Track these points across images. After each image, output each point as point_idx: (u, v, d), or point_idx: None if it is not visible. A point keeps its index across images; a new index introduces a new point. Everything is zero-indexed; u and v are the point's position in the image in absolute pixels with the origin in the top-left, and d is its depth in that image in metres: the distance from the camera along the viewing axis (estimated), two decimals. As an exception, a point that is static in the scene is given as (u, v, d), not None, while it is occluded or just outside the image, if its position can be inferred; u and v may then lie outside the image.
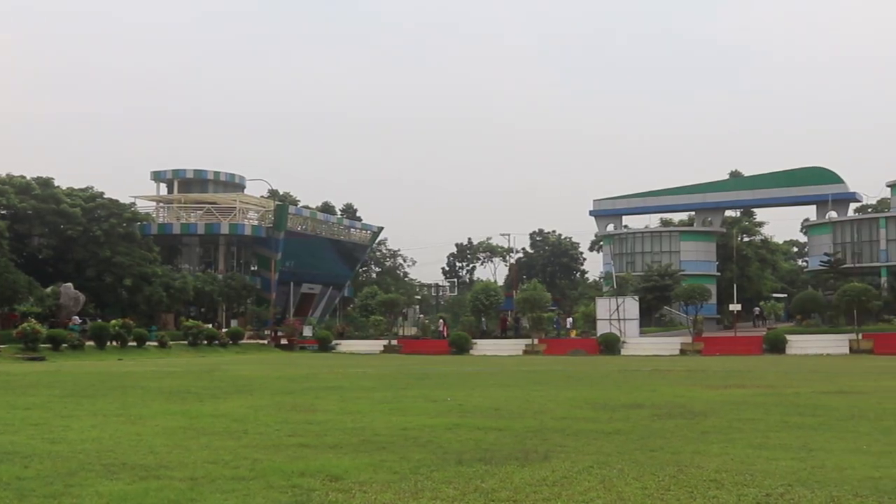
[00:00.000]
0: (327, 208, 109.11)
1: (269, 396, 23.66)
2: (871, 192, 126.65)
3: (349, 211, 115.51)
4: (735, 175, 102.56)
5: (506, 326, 71.56)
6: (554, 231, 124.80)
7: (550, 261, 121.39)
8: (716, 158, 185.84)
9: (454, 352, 62.31)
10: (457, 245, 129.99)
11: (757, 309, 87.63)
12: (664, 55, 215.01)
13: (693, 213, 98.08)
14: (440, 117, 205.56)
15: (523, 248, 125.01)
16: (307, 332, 73.44)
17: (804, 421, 17.72)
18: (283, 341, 69.28)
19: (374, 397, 23.58)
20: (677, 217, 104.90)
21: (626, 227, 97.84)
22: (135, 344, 56.49)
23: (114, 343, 55.75)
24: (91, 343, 54.54)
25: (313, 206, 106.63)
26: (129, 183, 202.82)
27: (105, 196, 74.27)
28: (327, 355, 61.16)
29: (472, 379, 32.11)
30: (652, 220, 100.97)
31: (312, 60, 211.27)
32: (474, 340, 64.75)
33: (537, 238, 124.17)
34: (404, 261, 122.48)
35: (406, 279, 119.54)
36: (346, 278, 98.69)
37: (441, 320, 76.78)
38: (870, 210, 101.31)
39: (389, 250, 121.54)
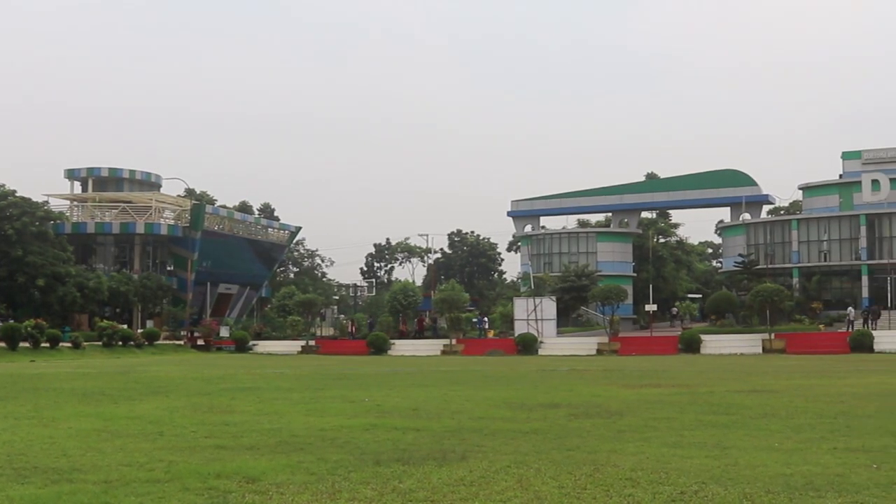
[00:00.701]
0: (245, 208, 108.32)
1: (185, 398, 23.43)
2: (783, 194, 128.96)
3: (267, 210, 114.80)
4: (651, 177, 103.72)
5: (422, 327, 71.39)
6: (472, 232, 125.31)
7: (469, 261, 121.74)
8: (632, 161, 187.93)
9: (372, 352, 62.16)
10: (375, 245, 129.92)
11: (675, 309, 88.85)
12: (582, 60, 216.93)
13: (610, 214, 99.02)
14: (359, 117, 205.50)
15: (441, 249, 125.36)
16: (224, 332, 72.76)
17: (718, 419, 17.96)
18: (200, 342, 68.56)
19: (291, 398, 23.46)
20: (594, 218, 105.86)
21: (543, 227, 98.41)
22: (48, 345, 55.55)
23: (26, 344, 54.74)
24: (2, 344, 53.53)
25: (231, 205, 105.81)
26: (41, 181, 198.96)
27: (17, 194, 72.89)
28: (244, 356, 60.69)
29: (391, 379, 32.07)
30: (569, 221, 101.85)
31: (232, 58, 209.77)
32: (392, 341, 64.67)
33: (455, 238, 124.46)
34: (322, 261, 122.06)
35: (324, 279, 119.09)
36: (263, 278, 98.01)
37: (350, 321, 76.00)
38: (782, 212, 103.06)
39: (307, 250, 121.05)
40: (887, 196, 79.00)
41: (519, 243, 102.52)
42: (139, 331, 68.14)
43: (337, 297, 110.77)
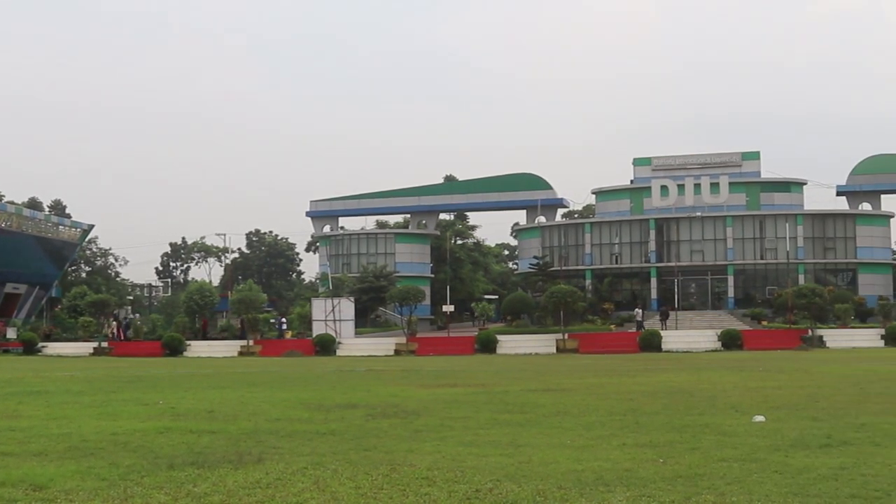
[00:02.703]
0: (34, 204, 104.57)
1: (-33, 402, 22.47)
2: (578, 198, 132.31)
3: (58, 207, 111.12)
4: (449, 179, 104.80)
5: (206, 328, 69.68)
6: (271, 231, 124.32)
7: (267, 261, 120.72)
8: (432, 163, 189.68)
9: (167, 354, 60.84)
10: (171, 244, 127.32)
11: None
12: (385, 63, 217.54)
13: (408, 215, 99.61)
14: (158, 111, 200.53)
15: (239, 249, 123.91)
16: (11, 333, 69.92)
17: (513, 418, 18.28)
18: (-16, 344, 65.81)
19: (82, 402, 22.77)
20: (393, 219, 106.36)
21: (342, 228, 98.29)
22: None
23: None
24: None
25: (19, 201, 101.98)
26: None
27: None
28: (33, 358, 58.54)
29: (186, 381, 31.49)
30: (368, 222, 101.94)
31: (22, 42, 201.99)
32: (188, 342, 63.44)
33: (254, 238, 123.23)
34: (116, 260, 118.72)
35: (118, 279, 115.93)
36: (53, 278, 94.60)
37: (115, 322, 72.29)
38: (576, 216, 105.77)
39: (100, 249, 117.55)
40: (675, 201, 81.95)
41: (317, 244, 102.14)
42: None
43: (131, 298, 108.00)
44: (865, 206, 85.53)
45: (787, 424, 16.60)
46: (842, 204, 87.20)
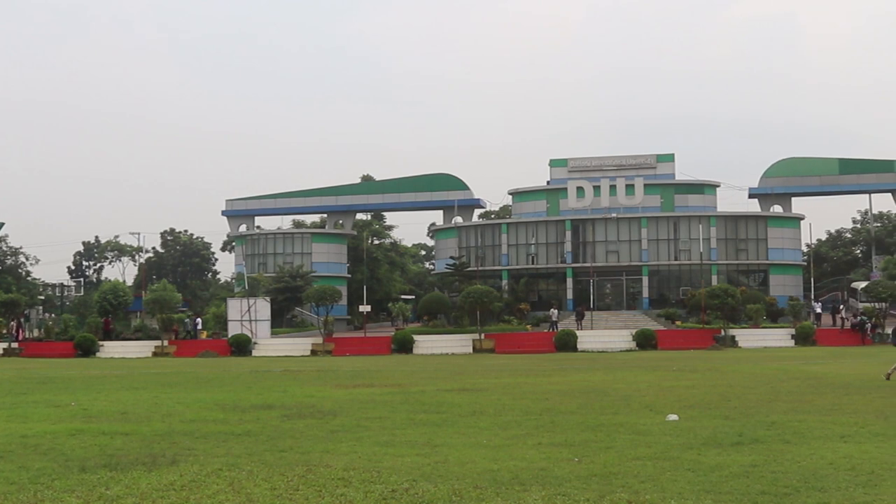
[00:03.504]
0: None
1: None
2: (494, 199, 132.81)
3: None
4: (367, 179, 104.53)
5: (108, 328, 68.19)
6: (186, 230, 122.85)
7: (182, 261, 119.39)
8: (349, 163, 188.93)
9: (79, 354, 59.97)
10: (84, 243, 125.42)
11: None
12: (304, 62, 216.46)
13: (325, 215, 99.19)
14: (68, 105, 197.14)
15: (154, 248, 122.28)
16: (-85, 335, 68.41)
17: (429, 418, 18.32)
18: None
19: (-10, 403, 22.37)
20: (310, 219, 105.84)
21: (258, 227, 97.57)
22: None
23: None
24: None
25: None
26: None
27: None
28: (-61, 360, 57.41)
29: (98, 382, 31.07)
30: (284, 222, 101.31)
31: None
32: (102, 342, 62.55)
33: (169, 238, 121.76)
34: (27, 259, 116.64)
35: (28, 278, 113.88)
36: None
37: (13, 322, 69.19)
38: (493, 216, 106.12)
39: (10, 248, 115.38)
40: (591, 203, 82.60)
41: (233, 243, 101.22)
42: None
43: (42, 297, 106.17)
44: (777, 209, 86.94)
45: (699, 423, 16.84)
46: (754, 206, 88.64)
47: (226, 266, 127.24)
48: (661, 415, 18.14)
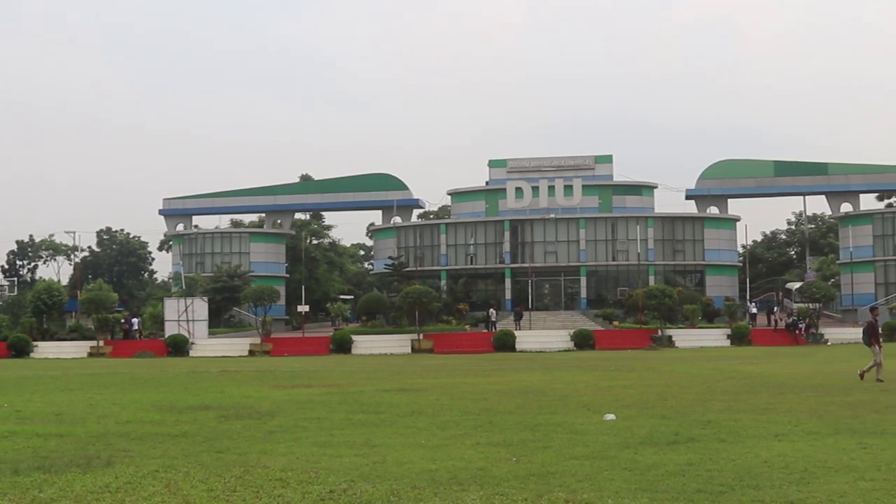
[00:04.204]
0: None
1: None
2: (433, 199, 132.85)
3: None
4: (305, 179, 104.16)
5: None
6: (122, 229, 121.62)
7: (118, 260, 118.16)
8: (288, 162, 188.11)
9: (13, 355, 59.14)
10: (17, 242, 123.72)
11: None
12: (238, 59, 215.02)
13: (263, 214, 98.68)
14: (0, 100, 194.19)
15: (89, 247, 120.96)
16: None
17: (367, 418, 18.30)
18: None
19: (-80, 405, 22.00)
20: (248, 218, 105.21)
21: (196, 227, 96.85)
22: None
23: None
24: None
25: None
26: None
27: None
28: None
29: (32, 383, 30.69)
30: (222, 221, 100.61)
31: None
32: (35, 343, 61.74)
33: (104, 237, 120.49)
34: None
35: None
36: None
37: None
38: (432, 216, 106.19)
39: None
40: (529, 203, 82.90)
41: (170, 242, 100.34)
42: None
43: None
44: (713, 210, 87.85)
45: (636, 422, 16.96)
46: (691, 207, 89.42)
47: (163, 266, 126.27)
48: (598, 414, 18.25)
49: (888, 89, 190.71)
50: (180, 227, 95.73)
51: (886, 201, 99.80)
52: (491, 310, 70.01)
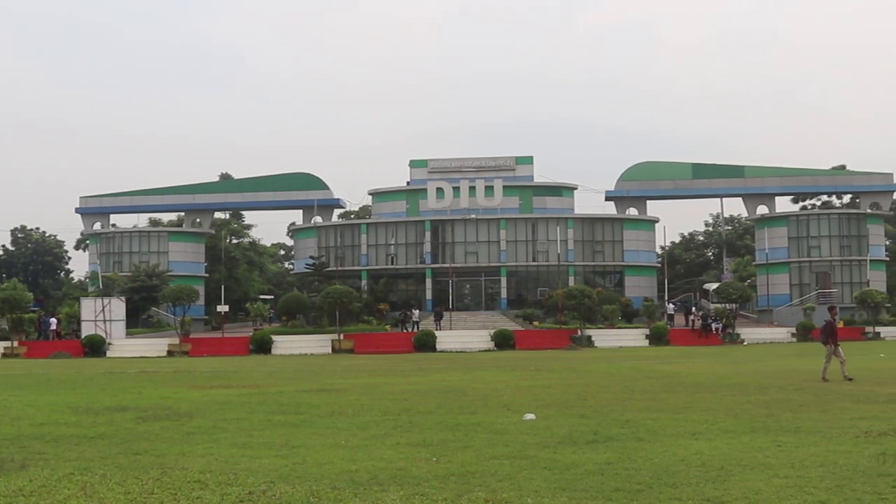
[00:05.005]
0: None
1: None
2: (354, 199, 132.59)
3: None
4: (225, 177, 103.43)
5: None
6: (38, 228, 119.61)
7: (33, 259, 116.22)
8: (207, 160, 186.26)
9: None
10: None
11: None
12: (160, 55, 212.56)
13: (183, 213, 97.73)
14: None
15: (3, 246, 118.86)
16: None
17: (287, 419, 18.21)
18: None
19: None
20: (167, 217, 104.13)
21: (114, 225, 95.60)
22: None
23: None
24: None
25: None
26: None
27: None
28: None
29: (-57, 385, 30.08)
30: (141, 220, 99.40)
31: None
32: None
33: (19, 235, 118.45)
34: None
35: None
36: None
37: None
38: (353, 216, 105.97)
39: None
40: (450, 204, 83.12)
41: (87, 241, 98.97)
42: None
43: None
44: (632, 211, 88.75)
45: (556, 422, 17.08)
46: (610, 209, 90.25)
47: (79, 265, 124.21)
48: (518, 414, 18.34)
49: (798, 98, 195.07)
50: (97, 226, 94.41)
51: (801, 204, 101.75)
52: (414, 310, 70.12)
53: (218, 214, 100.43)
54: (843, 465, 11.98)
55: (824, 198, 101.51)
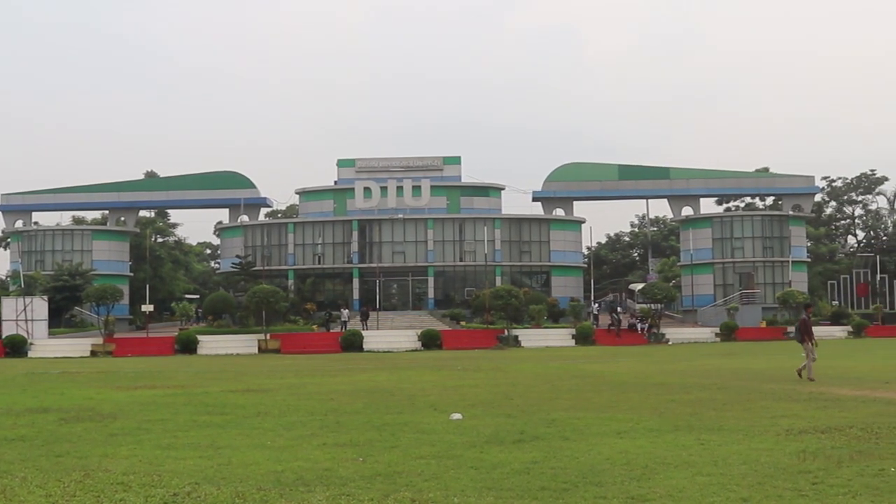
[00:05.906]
0: None
1: None
2: (281, 198, 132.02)
3: None
4: (151, 175, 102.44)
5: None
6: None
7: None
8: (132, 158, 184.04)
9: None
10: None
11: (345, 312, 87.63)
12: (77, 46, 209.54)
13: (107, 211, 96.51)
14: None
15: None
16: None
17: (212, 419, 18.08)
18: None
19: None
20: (91, 215, 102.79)
21: (36, 223, 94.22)
22: None
23: None
24: None
25: None
26: None
27: None
28: None
29: None
30: (64, 218, 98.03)
31: None
32: None
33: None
34: None
35: None
36: None
37: None
38: (280, 215, 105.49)
39: None
40: (378, 203, 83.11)
41: (9, 239, 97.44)
42: None
43: None
44: (559, 212, 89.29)
45: (482, 421, 17.13)
46: (537, 209, 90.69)
47: (0, 263, 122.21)
48: (445, 414, 18.37)
49: (721, 102, 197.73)
50: (19, 224, 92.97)
51: (725, 206, 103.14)
52: (343, 310, 69.94)
53: (143, 213, 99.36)
54: (765, 463, 12.17)
55: (748, 200, 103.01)
